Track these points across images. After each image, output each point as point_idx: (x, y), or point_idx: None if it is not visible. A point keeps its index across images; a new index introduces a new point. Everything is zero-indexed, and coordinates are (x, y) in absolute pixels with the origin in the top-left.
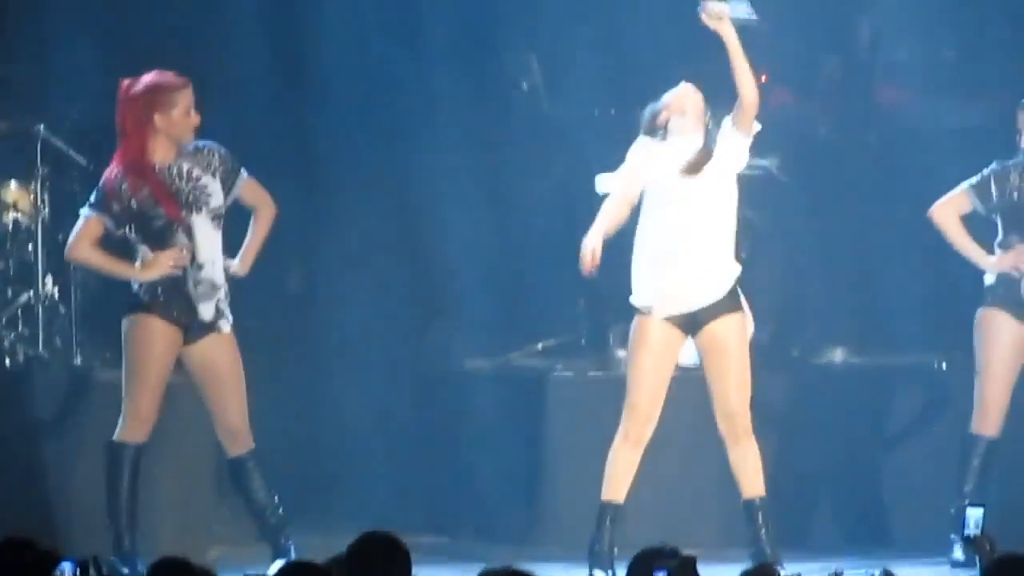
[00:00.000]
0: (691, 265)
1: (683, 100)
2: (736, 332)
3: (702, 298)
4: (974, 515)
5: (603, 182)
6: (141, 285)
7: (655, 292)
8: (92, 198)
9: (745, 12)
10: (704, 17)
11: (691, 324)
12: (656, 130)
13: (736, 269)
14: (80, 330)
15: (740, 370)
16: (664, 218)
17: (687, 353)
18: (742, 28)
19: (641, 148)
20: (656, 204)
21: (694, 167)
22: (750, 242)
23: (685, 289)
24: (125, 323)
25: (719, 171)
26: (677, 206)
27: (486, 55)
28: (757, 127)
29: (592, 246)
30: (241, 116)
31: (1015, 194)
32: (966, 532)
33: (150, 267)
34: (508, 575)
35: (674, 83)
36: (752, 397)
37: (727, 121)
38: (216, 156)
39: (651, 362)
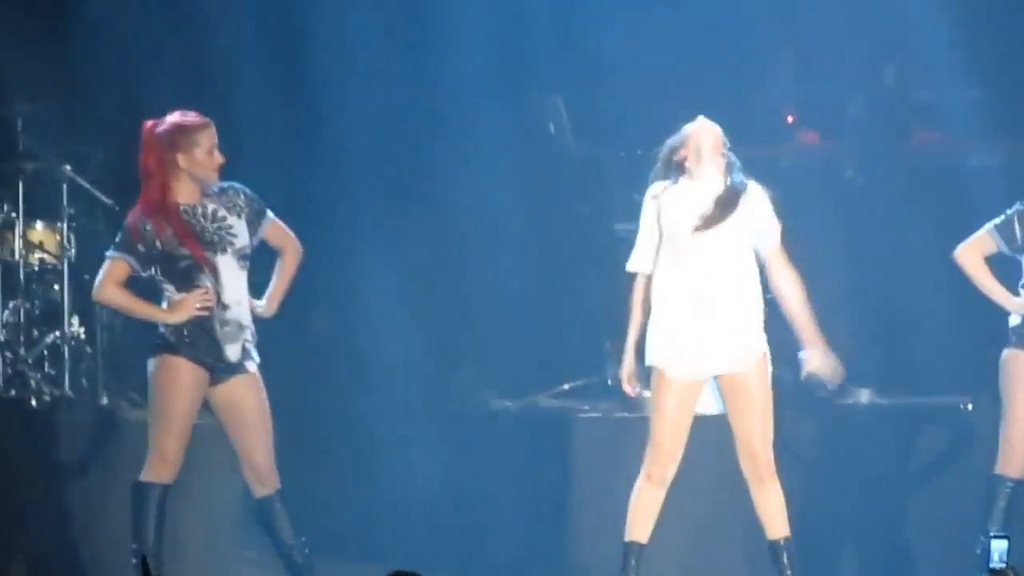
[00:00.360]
0: (713, 328)
1: (699, 137)
2: (758, 373)
3: (725, 365)
4: (999, 547)
5: (633, 260)
6: (167, 326)
7: (673, 356)
8: (117, 239)
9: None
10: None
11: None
12: (671, 170)
13: (760, 329)
14: (106, 370)
15: (763, 411)
16: (680, 274)
17: (709, 402)
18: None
19: (651, 207)
20: (671, 260)
21: (709, 222)
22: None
23: (707, 355)
24: (151, 364)
25: (740, 221)
26: (693, 261)
27: (515, 97)
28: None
29: (627, 375)
30: (269, 156)
31: None
32: (991, 564)
33: (176, 309)
34: None
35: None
36: (776, 438)
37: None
38: (242, 196)
39: (673, 402)
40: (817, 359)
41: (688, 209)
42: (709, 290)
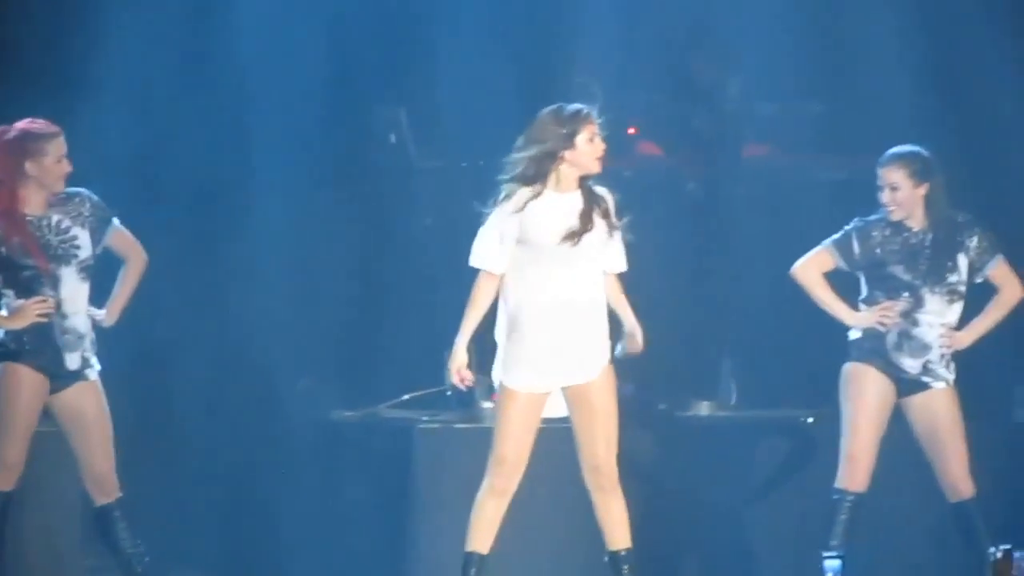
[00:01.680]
0: (571, 342)
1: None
2: (604, 383)
3: (580, 375)
4: (832, 567)
5: (476, 255)
6: (8, 333)
7: (521, 373)
8: None
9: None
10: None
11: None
12: (539, 174)
13: (607, 339)
14: None
15: (607, 421)
16: (529, 285)
17: (556, 406)
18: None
19: (508, 216)
20: (521, 269)
21: (576, 234)
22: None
23: (561, 367)
24: None
25: (599, 232)
26: (555, 272)
27: (356, 108)
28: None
29: (457, 367)
30: (109, 158)
31: (877, 250)
32: None
33: (17, 316)
34: None
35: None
36: (619, 450)
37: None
38: (87, 205)
39: (518, 416)
40: (637, 340)
41: (553, 219)
42: (567, 301)
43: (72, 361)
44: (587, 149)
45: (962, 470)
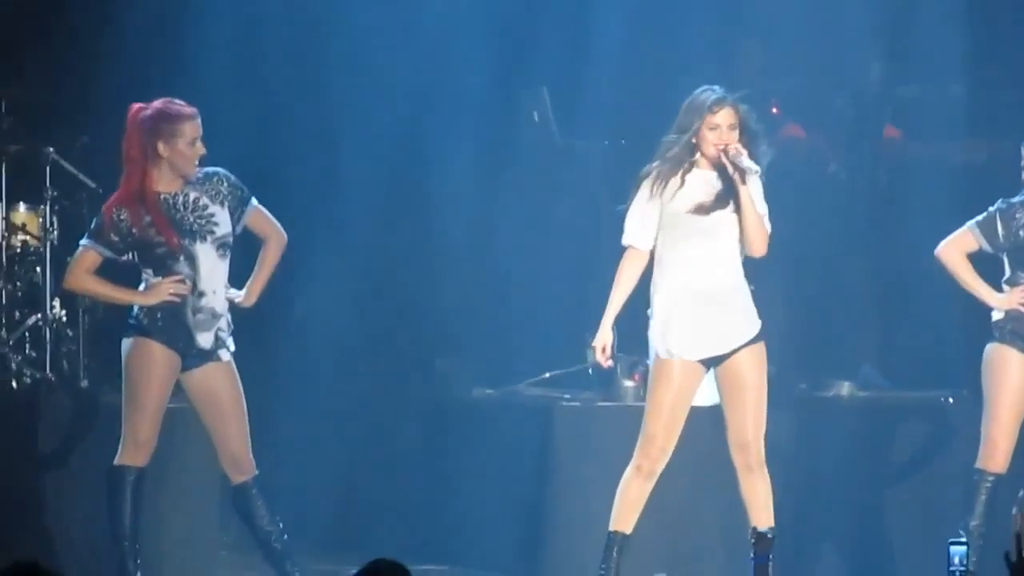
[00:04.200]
0: (717, 309)
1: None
2: (756, 362)
3: (730, 342)
4: (958, 552)
5: (625, 232)
6: (141, 309)
7: (679, 339)
8: (91, 226)
9: (754, 167)
10: (731, 167)
11: (713, 358)
12: (684, 152)
13: (755, 314)
14: (87, 353)
15: (757, 400)
16: (682, 259)
17: (706, 394)
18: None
19: (648, 196)
20: (672, 245)
21: (706, 208)
22: (759, 275)
23: (712, 334)
24: (125, 346)
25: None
26: (695, 246)
27: (500, 87)
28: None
29: (602, 345)
30: (253, 143)
31: (1021, 232)
32: (951, 569)
33: (149, 293)
34: None
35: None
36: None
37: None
38: (225, 184)
39: (671, 396)
40: None
41: (692, 193)
42: (713, 277)
43: (204, 340)
44: (707, 136)
45: None
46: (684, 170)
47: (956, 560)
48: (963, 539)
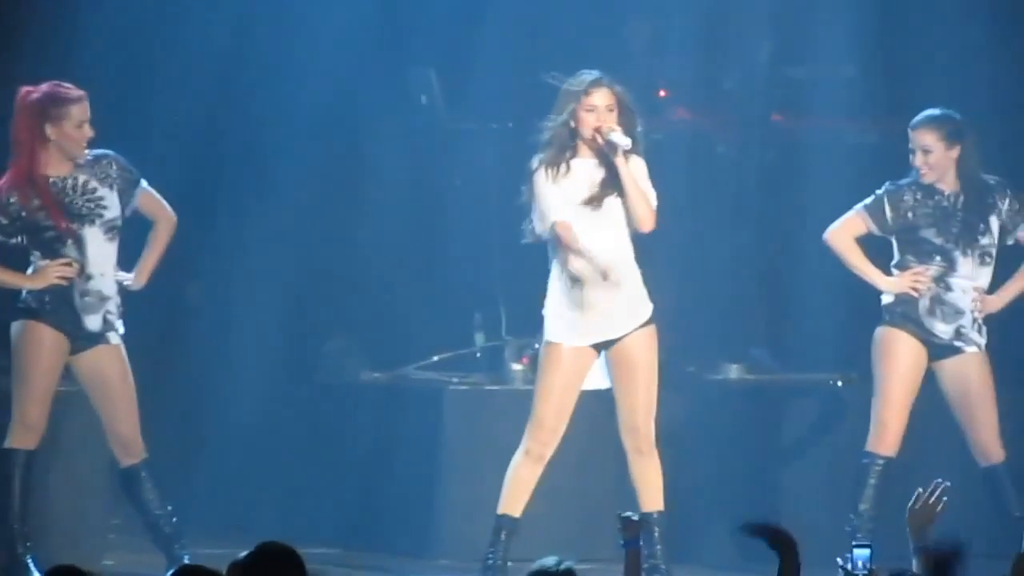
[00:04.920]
0: (607, 293)
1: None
2: (647, 345)
3: (621, 327)
4: (861, 556)
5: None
6: (29, 292)
7: (569, 323)
8: None
9: (625, 141)
10: (604, 144)
11: (604, 341)
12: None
13: (646, 298)
14: None
15: (648, 384)
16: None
17: (598, 378)
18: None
19: (546, 186)
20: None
21: (593, 195)
22: (646, 258)
23: (603, 319)
24: (13, 329)
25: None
26: (584, 231)
27: (388, 69)
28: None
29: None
30: (143, 123)
31: (909, 214)
32: (854, 573)
33: (36, 277)
34: None
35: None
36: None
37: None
38: (114, 166)
39: (560, 380)
40: None
41: (577, 181)
42: (603, 260)
43: (92, 323)
44: (584, 117)
45: (993, 435)
46: (567, 157)
47: (860, 564)
48: (867, 542)
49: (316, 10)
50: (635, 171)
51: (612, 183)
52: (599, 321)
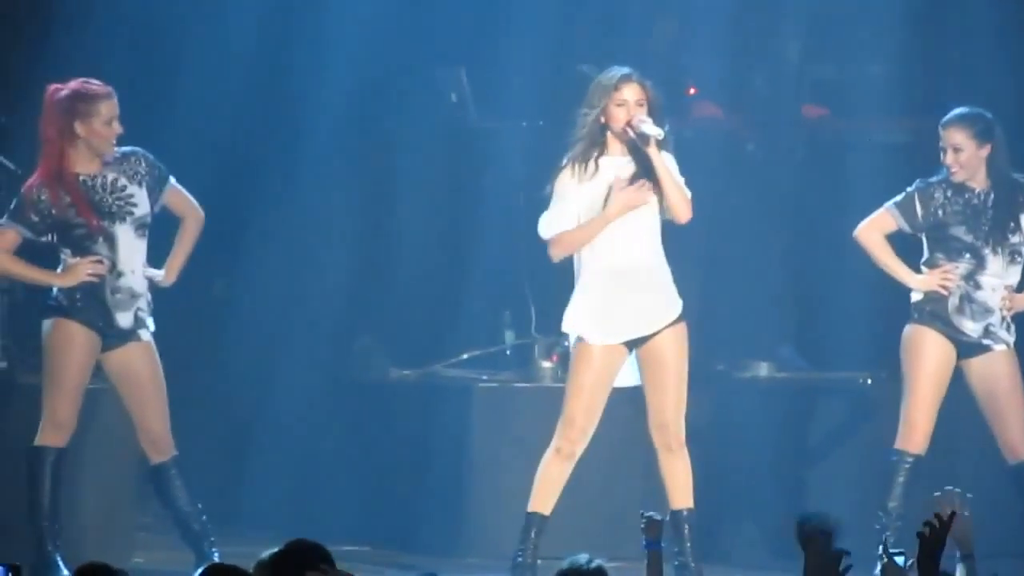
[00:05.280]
0: (638, 291)
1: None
2: (677, 343)
3: (651, 324)
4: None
5: (545, 227)
6: (60, 290)
7: (600, 322)
8: (11, 207)
9: (656, 131)
10: (635, 136)
11: (635, 339)
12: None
13: (676, 295)
14: (6, 334)
15: (678, 381)
16: (603, 247)
17: (627, 375)
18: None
19: (570, 185)
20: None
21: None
22: (676, 255)
23: (633, 317)
24: (44, 326)
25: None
26: (614, 228)
27: (418, 68)
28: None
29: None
30: (172, 121)
31: (939, 212)
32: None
33: (67, 274)
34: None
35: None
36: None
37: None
38: (143, 164)
39: (591, 378)
40: None
41: (607, 177)
42: (633, 258)
43: (123, 320)
44: (615, 112)
45: (1021, 433)
46: (596, 155)
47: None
48: (900, 549)
49: (345, 7)
50: (669, 163)
51: (643, 178)
52: (630, 319)
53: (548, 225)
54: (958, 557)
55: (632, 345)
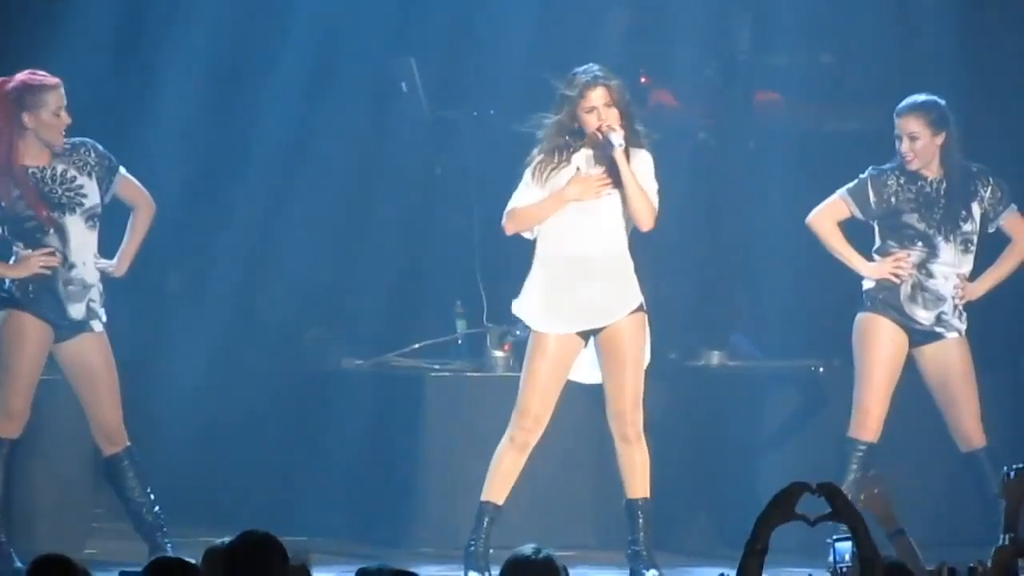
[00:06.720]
0: (592, 284)
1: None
2: (635, 333)
3: (608, 316)
4: (844, 549)
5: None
6: (12, 281)
7: (556, 312)
8: None
9: (619, 140)
10: (604, 143)
11: (591, 330)
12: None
13: (636, 286)
14: None
15: (636, 371)
16: (563, 238)
17: (585, 371)
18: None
19: (538, 172)
20: (553, 224)
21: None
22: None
23: (590, 309)
24: None
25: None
26: (574, 221)
27: (368, 57)
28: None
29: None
30: (120, 112)
31: (892, 199)
32: (838, 565)
33: (19, 266)
34: (386, 574)
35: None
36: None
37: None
38: (92, 154)
39: (545, 367)
40: None
41: (572, 172)
42: (593, 250)
43: (76, 311)
44: (585, 119)
45: (974, 420)
46: (566, 156)
47: (845, 557)
48: (847, 535)
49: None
50: (639, 168)
51: (612, 176)
52: (583, 309)
53: (509, 204)
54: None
55: (589, 335)
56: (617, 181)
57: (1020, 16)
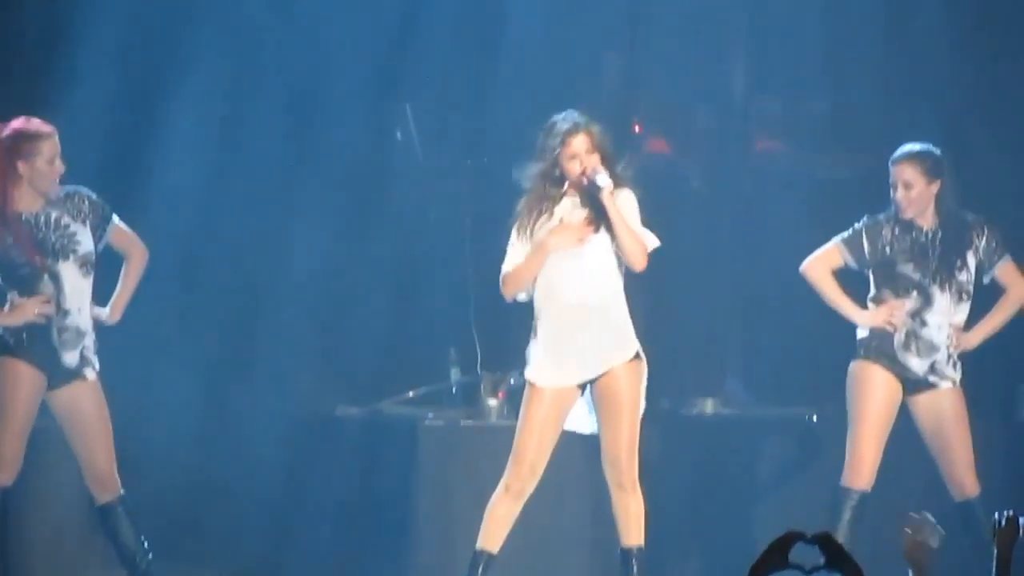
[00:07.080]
0: (587, 334)
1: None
2: (631, 380)
3: (603, 365)
4: None
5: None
6: (6, 329)
7: (549, 367)
8: None
9: (607, 182)
10: (589, 186)
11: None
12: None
13: (631, 333)
14: None
15: (631, 418)
16: (552, 289)
17: (582, 421)
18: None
19: (523, 229)
20: (542, 276)
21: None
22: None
23: (585, 361)
24: None
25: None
26: (566, 270)
27: (363, 104)
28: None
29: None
30: (116, 157)
31: (887, 249)
32: None
33: (14, 313)
34: None
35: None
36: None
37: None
38: (86, 202)
39: (541, 417)
40: None
41: (562, 218)
42: (584, 298)
43: (70, 359)
44: (568, 166)
45: (968, 469)
46: (551, 203)
47: None
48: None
49: (294, 40)
50: (625, 209)
51: (597, 221)
52: (580, 359)
53: (502, 270)
54: None
55: (585, 384)
56: (605, 224)
57: (1017, 64)
